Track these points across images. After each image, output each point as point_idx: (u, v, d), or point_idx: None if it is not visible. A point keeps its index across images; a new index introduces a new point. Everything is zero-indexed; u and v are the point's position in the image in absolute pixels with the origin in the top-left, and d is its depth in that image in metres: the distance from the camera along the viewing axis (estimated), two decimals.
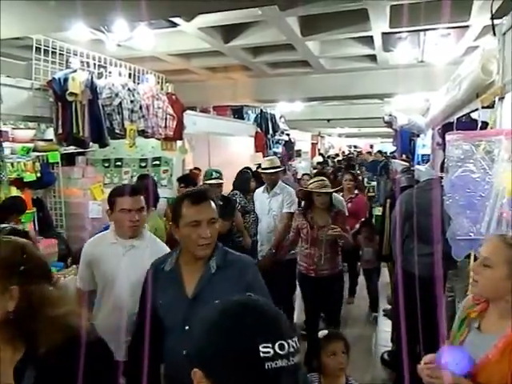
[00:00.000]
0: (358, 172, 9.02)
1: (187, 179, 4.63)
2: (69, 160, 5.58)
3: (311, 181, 3.56)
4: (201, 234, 1.60)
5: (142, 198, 2.20)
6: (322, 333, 2.25)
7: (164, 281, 1.70)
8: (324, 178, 3.48)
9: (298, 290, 4.03)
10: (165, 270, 1.72)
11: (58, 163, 5.03)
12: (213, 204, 1.67)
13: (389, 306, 4.80)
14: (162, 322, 1.68)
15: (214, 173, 4.29)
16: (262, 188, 4.24)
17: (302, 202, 4.00)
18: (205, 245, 1.62)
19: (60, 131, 3.98)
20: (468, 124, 3.31)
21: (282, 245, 3.88)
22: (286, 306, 3.97)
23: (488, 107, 2.52)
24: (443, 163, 2.51)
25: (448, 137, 2.03)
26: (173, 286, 1.68)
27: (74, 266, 3.46)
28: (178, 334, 1.61)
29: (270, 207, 4.07)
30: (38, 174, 4.80)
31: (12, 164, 4.49)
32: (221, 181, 4.26)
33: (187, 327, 1.59)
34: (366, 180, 9.84)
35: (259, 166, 6.61)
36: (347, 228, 3.53)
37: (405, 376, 1.90)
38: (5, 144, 4.36)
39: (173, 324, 1.66)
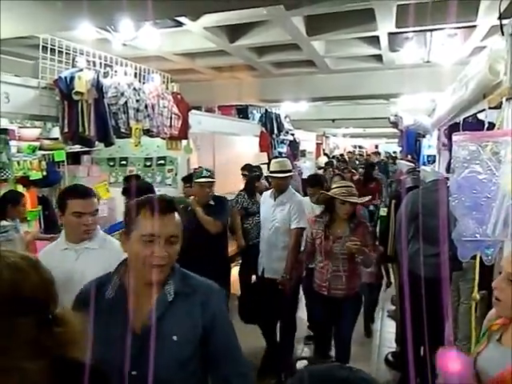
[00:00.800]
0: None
1: (192, 179, 4.61)
2: (74, 159, 5.62)
3: (335, 185, 3.09)
4: (155, 253, 1.28)
5: (95, 200, 2.05)
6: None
7: (103, 310, 1.30)
8: (351, 184, 3.08)
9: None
10: (106, 296, 1.35)
11: (63, 162, 5.07)
12: (177, 218, 1.35)
13: (393, 307, 4.78)
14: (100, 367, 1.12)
15: (204, 171, 3.87)
16: (269, 191, 3.73)
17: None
18: (159, 266, 1.30)
19: (66, 130, 4.00)
20: (474, 125, 3.29)
21: (295, 265, 3.41)
22: (286, 325, 3.59)
23: (495, 108, 2.50)
24: (449, 164, 2.49)
25: (454, 137, 2.01)
26: (115, 318, 1.32)
27: None
28: (121, 382, 1.23)
29: (274, 217, 3.53)
30: (44, 173, 4.84)
31: (18, 162, 4.53)
32: (211, 180, 3.76)
33: (134, 372, 1.27)
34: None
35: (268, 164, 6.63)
36: (370, 243, 3.01)
37: (409, 377, 1.90)
38: (11, 142, 4.40)
39: (115, 368, 1.23)
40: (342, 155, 15.37)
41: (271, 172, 3.57)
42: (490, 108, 2.48)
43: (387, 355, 3.82)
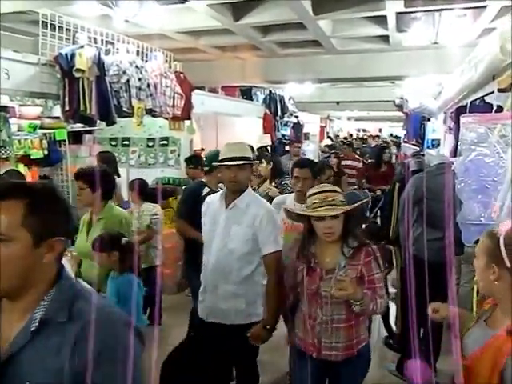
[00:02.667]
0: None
1: (196, 160, 4.48)
2: (76, 138, 5.58)
3: (310, 192, 2.06)
4: None
5: None
6: None
7: None
8: (330, 188, 2.02)
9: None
10: None
11: (65, 141, 5.03)
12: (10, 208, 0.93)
13: (394, 290, 4.80)
14: None
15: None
16: (218, 194, 2.45)
17: None
18: None
19: (67, 108, 3.96)
20: (481, 108, 3.23)
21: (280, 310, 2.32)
22: (247, 375, 2.55)
23: (504, 90, 2.45)
24: (456, 147, 2.45)
25: (463, 119, 1.97)
26: None
27: None
28: None
29: (226, 231, 2.29)
30: (45, 152, 4.81)
31: (19, 141, 4.50)
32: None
33: None
34: None
35: (262, 148, 6.55)
36: (378, 278, 1.99)
37: (408, 358, 1.91)
38: (12, 120, 4.35)
39: None
40: (345, 138, 15.24)
41: (220, 161, 2.31)
42: (499, 90, 2.43)
43: (387, 337, 3.85)
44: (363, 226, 4.26)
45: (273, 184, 4.21)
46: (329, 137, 15.37)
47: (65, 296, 0.98)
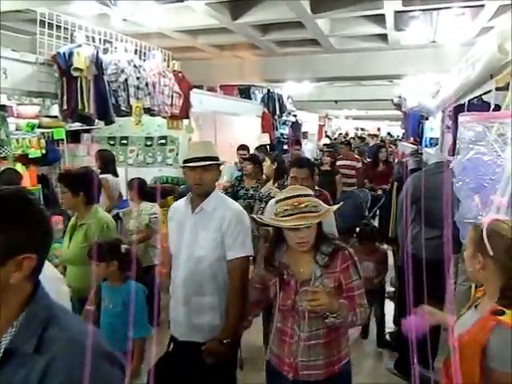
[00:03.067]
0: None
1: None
2: (74, 137, 5.58)
3: (279, 196, 1.85)
4: None
5: None
6: None
7: None
8: (304, 192, 1.79)
9: None
10: None
11: (63, 140, 5.03)
12: None
13: (392, 289, 4.80)
14: None
15: None
16: (184, 199, 2.24)
17: None
18: None
19: (65, 107, 3.95)
20: (479, 106, 3.24)
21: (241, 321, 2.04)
22: None
23: (501, 89, 2.46)
24: (454, 146, 2.46)
25: (461, 118, 1.98)
26: None
27: None
28: None
29: (193, 238, 2.10)
30: (43, 151, 4.80)
31: (17, 140, 4.49)
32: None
33: None
34: None
35: (260, 147, 6.52)
36: (358, 287, 1.80)
37: (407, 356, 1.91)
38: (10, 120, 4.35)
39: None
40: (344, 137, 15.20)
41: (184, 162, 2.14)
42: (496, 89, 2.43)
43: (385, 335, 3.85)
44: (357, 229, 4.26)
45: (276, 185, 3.92)
46: (327, 136, 15.37)
47: (36, 321, 0.85)
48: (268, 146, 7.29)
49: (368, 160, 7.52)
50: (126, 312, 2.16)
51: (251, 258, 2.14)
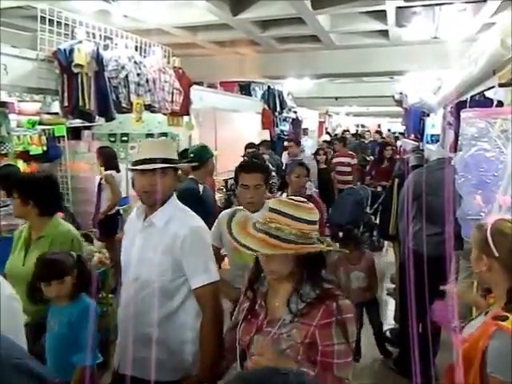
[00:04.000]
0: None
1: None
2: (75, 134, 5.58)
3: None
4: None
5: None
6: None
7: None
8: (289, 211, 1.33)
9: None
10: None
11: (63, 137, 5.03)
12: None
13: (393, 285, 4.82)
14: None
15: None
16: (136, 208, 1.90)
17: None
18: None
19: (66, 104, 3.95)
20: (481, 103, 3.23)
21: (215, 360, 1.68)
22: None
23: (504, 85, 2.45)
24: (456, 142, 2.45)
25: (463, 114, 1.97)
26: None
27: None
28: None
29: (140, 258, 1.77)
30: (44, 148, 4.80)
31: (18, 137, 4.49)
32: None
33: None
34: None
35: (263, 142, 6.50)
36: (337, 361, 1.32)
37: (408, 353, 1.92)
38: (11, 116, 4.34)
39: None
40: (343, 132, 15.12)
41: (133, 164, 1.79)
42: (499, 85, 2.42)
43: (385, 332, 3.86)
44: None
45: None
46: (327, 132, 15.35)
47: None
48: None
49: (371, 157, 7.50)
50: (73, 334, 1.84)
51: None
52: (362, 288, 3.36)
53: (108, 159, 4.45)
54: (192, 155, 3.59)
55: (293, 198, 1.40)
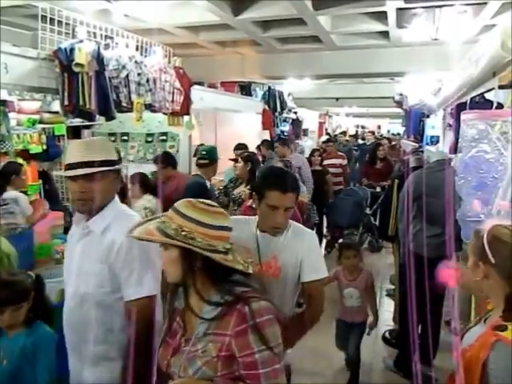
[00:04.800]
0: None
1: (168, 158, 4.19)
2: (75, 133, 5.57)
3: None
4: None
5: None
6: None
7: None
8: (184, 211, 1.24)
9: None
10: None
11: (63, 136, 5.02)
12: None
13: (392, 286, 4.82)
14: None
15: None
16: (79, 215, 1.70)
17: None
18: None
19: (66, 103, 3.95)
20: (481, 105, 3.24)
21: None
22: None
23: (504, 87, 2.45)
24: (456, 144, 2.46)
25: (463, 116, 1.98)
26: None
27: None
28: None
29: (79, 268, 1.62)
30: (44, 147, 4.80)
31: (18, 135, 4.49)
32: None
33: None
34: None
35: (263, 142, 6.49)
36: (262, 371, 1.17)
37: (407, 354, 1.93)
38: (11, 115, 4.34)
39: None
40: (337, 135, 14.91)
41: (66, 168, 1.59)
42: (499, 87, 2.43)
43: (385, 333, 3.86)
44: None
45: (248, 187, 3.54)
46: (327, 133, 15.36)
47: None
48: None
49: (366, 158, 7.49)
50: (26, 369, 1.62)
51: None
52: (355, 308, 3.02)
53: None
54: (204, 153, 3.67)
55: (203, 200, 1.29)
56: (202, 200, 1.28)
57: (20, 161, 4.40)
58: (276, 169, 2.06)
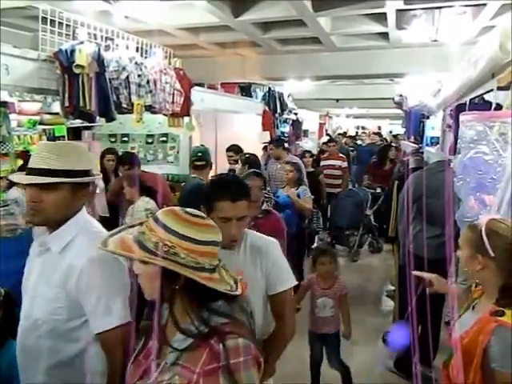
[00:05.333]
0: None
1: (133, 159, 4.10)
2: (75, 134, 5.57)
3: None
4: None
5: None
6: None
7: None
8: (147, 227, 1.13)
9: None
10: None
11: (64, 137, 5.03)
12: None
13: (392, 287, 4.82)
14: None
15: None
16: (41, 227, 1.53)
17: None
18: None
19: (66, 104, 3.96)
20: (481, 106, 3.25)
21: None
22: None
23: (503, 88, 2.46)
24: (455, 145, 2.46)
25: (462, 117, 1.98)
26: None
27: None
28: None
29: (34, 291, 1.46)
30: None
31: (18, 137, 4.50)
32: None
33: None
34: None
35: (269, 142, 6.49)
36: None
37: (408, 355, 1.93)
38: (11, 116, 4.35)
39: None
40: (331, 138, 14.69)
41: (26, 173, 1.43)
42: (498, 88, 2.44)
43: (384, 335, 3.87)
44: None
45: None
46: (327, 134, 15.37)
47: None
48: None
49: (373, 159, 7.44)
50: None
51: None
52: (328, 318, 2.87)
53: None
54: (200, 154, 3.63)
55: (189, 210, 1.15)
56: (187, 210, 1.14)
57: (20, 162, 4.41)
58: (222, 178, 1.81)
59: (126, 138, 6.01)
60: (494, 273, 1.43)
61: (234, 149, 5.12)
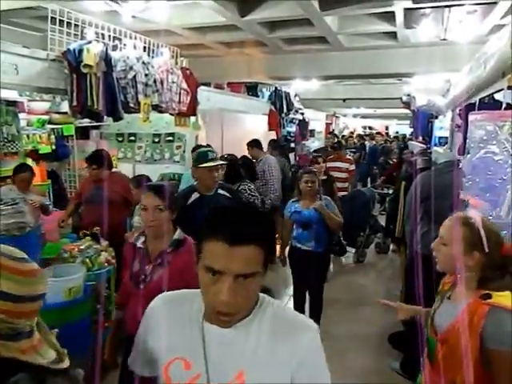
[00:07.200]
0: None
1: (102, 158, 3.85)
2: (83, 133, 5.62)
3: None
4: None
5: None
6: None
7: None
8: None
9: None
10: None
11: (72, 136, 5.07)
12: None
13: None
14: None
15: (209, 153, 3.04)
16: None
17: None
18: None
19: (75, 103, 3.97)
20: (490, 106, 3.21)
21: None
22: None
23: None
24: (464, 145, 2.44)
25: (471, 117, 1.96)
26: None
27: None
28: None
29: None
30: (53, 147, 4.85)
31: (28, 136, 4.54)
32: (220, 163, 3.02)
33: None
34: None
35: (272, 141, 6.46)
36: None
37: (414, 356, 1.91)
38: (21, 115, 4.40)
39: None
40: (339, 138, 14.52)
41: None
42: (508, 88, 2.41)
43: (391, 335, 3.84)
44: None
45: None
46: (334, 134, 15.31)
47: None
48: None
49: (394, 160, 7.34)
50: None
51: None
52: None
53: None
54: (201, 155, 3.56)
55: (7, 252, 0.87)
56: (3, 249, 0.85)
57: (29, 161, 4.45)
58: (220, 207, 1.07)
59: (133, 138, 6.04)
60: (481, 266, 1.46)
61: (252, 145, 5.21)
